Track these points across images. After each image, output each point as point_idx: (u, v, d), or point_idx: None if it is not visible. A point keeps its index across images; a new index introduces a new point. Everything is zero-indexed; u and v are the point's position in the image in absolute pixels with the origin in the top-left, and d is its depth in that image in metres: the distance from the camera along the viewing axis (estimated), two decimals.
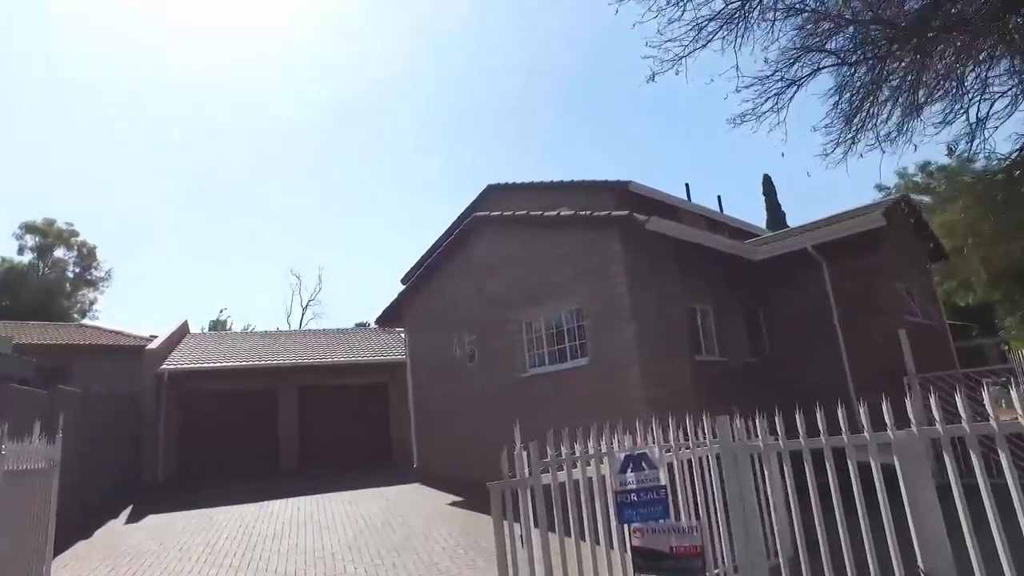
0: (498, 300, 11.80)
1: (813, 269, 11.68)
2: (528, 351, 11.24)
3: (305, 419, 16.60)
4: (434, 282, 13.45)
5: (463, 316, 12.54)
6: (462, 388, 12.36)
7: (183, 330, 19.17)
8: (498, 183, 19.64)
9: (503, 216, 11.69)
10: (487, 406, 11.73)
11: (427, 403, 13.25)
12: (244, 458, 15.73)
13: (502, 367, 11.53)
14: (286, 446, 16.18)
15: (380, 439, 17.43)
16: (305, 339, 19.19)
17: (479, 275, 12.29)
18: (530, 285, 11.16)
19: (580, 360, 10.23)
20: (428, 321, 13.45)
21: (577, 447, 5.37)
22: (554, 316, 10.84)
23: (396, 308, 14.32)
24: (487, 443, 12.33)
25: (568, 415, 10.58)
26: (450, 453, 12.48)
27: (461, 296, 12.67)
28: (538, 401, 10.73)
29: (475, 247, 12.50)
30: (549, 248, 10.92)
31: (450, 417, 12.58)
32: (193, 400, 15.68)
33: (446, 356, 12.85)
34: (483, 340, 12.02)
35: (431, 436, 13.04)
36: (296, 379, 16.75)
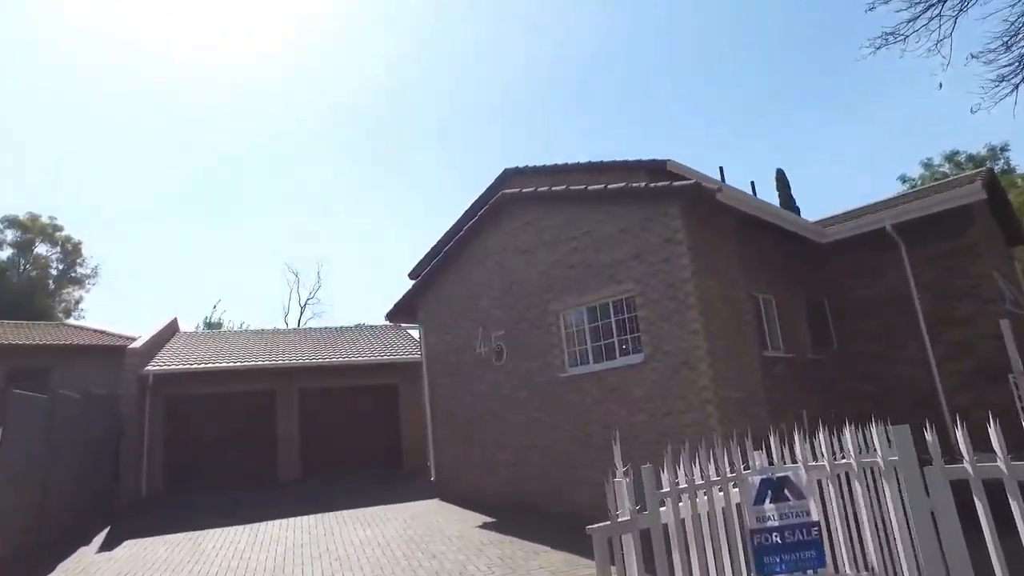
0: (531, 289, 10.40)
1: (890, 252, 10.32)
2: (568, 347, 9.84)
3: (306, 425, 15.17)
4: (453, 271, 12.03)
5: (488, 309, 11.13)
6: (488, 391, 10.95)
7: (172, 328, 17.73)
8: (517, 167, 18.27)
9: (538, 193, 10.29)
10: (519, 411, 10.32)
11: (446, 408, 11.84)
12: (238, 468, 14.28)
13: (537, 366, 10.13)
14: (285, 455, 14.74)
15: (389, 447, 16.00)
16: (306, 338, 17.76)
17: (508, 261, 10.89)
18: (570, 271, 9.77)
19: (633, 357, 8.83)
20: (446, 315, 12.04)
21: (690, 472, 3.98)
22: (600, 306, 9.44)
23: (409, 302, 12.90)
24: (522, 454, 10.95)
25: (622, 422, 9.20)
26: (475, 465, 11.06)
27: (486, 286, 11.26)
28: (583, 405, 9.33)
29: (503, 230, 11.10)
30: (594, 227, 9.53)
31: (474, 424, 11.16)
32: (181, 404, 14.24)
33: (468, 354, 11.43)
34: (513, 335, 10.61)
35: (451, 446, 11.62)
36: (296, 381, 15.32)
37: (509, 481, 10.37)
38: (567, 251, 9.89)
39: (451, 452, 11.62)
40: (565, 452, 9.51)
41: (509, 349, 10.64)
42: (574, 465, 9.38)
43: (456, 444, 11.52)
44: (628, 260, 9.00)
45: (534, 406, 10.08)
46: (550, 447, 9.74)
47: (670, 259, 8.50)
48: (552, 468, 9.68)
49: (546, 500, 9.69)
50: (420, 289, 12.60)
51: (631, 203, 9.07)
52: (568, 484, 9.42)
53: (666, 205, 8.64)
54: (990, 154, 33.38)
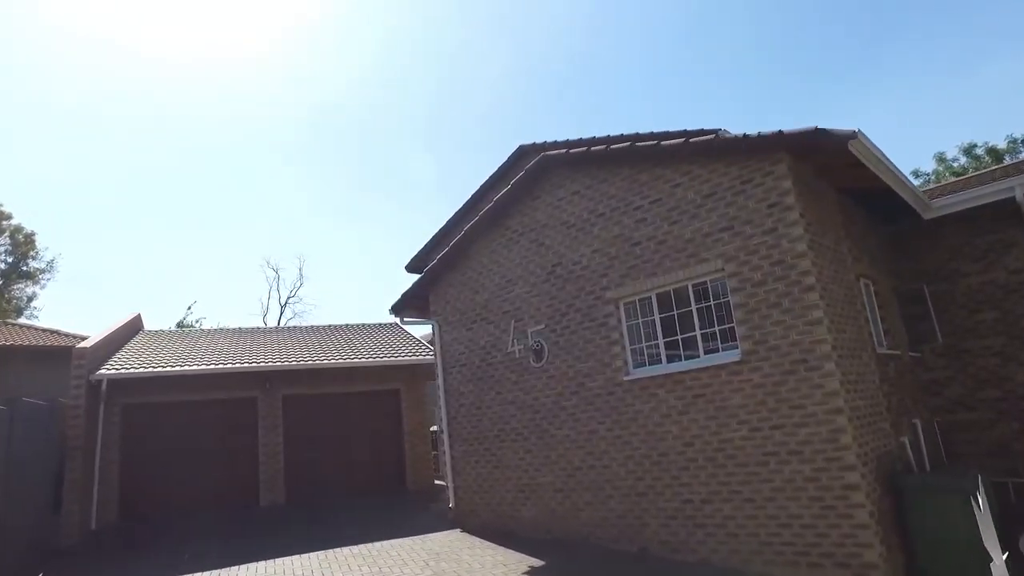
0: (582, 273, 8.59)
1: (1011, 228, 8.71)
2: (631, 343, 8.04)
3: (292, 439, 13.15)
4: (476, 254, 10.16)
5: (524, 298, 9.29)
6: (524, 399, 9.10)
7: (133, 327, 15.56)
8: (534, 143, 16.48)
9: (592, 153, 8.48)
10: (567, 424, 8.49)
11: (467, 419, 9.95)
12: (211, 492, 12.21)
13: (590, 368, 8.31)
14: (268, 475, 12.70)
15: (391, 463, 14.03)
16: (291, 337, 15.71)
17: (551, 239, 9.06)
18: (635, 249, 7.99)
19: (724, 354, 7.07)
20: (468, 307, 10.16)
21: None
22: (675, 291, 7.67)
23: (418, 292, 10.99)
24: (572, 477, 8.28)
25: (711, 437, 7.40)
26: (507, 490, 9.18)
27: (521, 270, 9.41)
28: (654, 416, 7.55)
29: (544, 201, 9.27)
30: (668, 193, 7.76)
31: (505, 439, 9.29)
32: (142, 416, 12.14)
33: (497, 354, 9.57)
34: (556, 330, 8.79)
35: (474, 465, 9.73)
36: (280, 387, 13.29)
37: (554, 510, 8.52)
38: (630, 224, 8.10)
39: (474, 473, 9.72)
40: (630, 475, 7.71)
41: (552, 347, 8.80)
42: (643, 492, 7.58)
43: (481, 463, 9.63)
44: (716, 232, 7.25)
45: (587, 417, 8.26)
46: (610, 468, 7.92)
47: (777, 228, 6.77)
48: (613, 494, 7.87)
49: (604, 534, 7.88)
50: (433, 277, 10.70)
51: (719, 161, 7.32)
52: (635, 515, 7.62)
53: (770, 160, 6.91)
54: (1010, 147, 32.47)
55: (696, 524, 7.05)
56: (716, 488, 6.92)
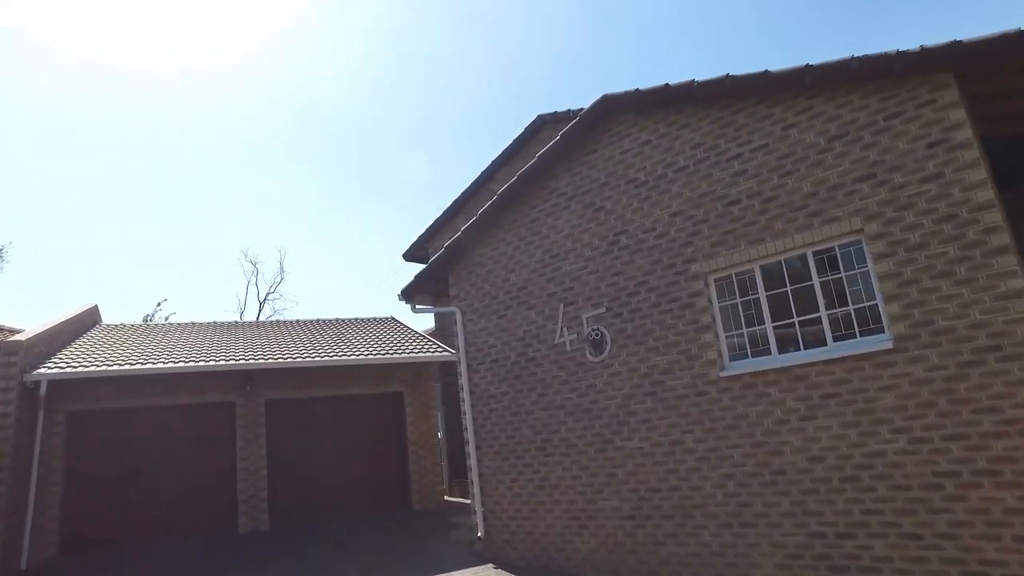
0: (655, 243, 6.93)
1: None
2: (726, 329, 6.41)
3: (277, 452, 11.27)
4: (510, 226, 8.46)
5: (577, 276, 7.60)
6: (578, 402, 7.39)
7: (89, 319, 13.49)
8: (554, 112, 14.81)
9: (669, 91, 6.82)
10: (638, 433, 6.80)
11: (500, 427, 8.21)
12: (178, 519, 10.27)
13: (669, 361, 6.65)
14: (248, 496, 10.78)
15: (393, 478, 12.20)
16: (276, 332, 13.78)
17: (612, 202, 7.40)
18: (731, 210, 6.38)
19: (869, 341, 5.48)
20: (500, 290, 8.43)
21: None
22: (789, 262, 6.06)
23: (436, 274, 9.22)
24: (646, 501, 6.34)
25: (850, 450, 5.63)
26: (555, 515, 7.45)
27: (570, 243, 7.73)
28: (764, 423, 5.92)
29: (602, 156, 7.60)
30: (777, 139, 6.17)
31: (553, 452, 7.57)
32: (93, 426, 10.17)
33: (541, 346, 7.86)
34: (622, 315, 7.11)
35: (511, 484, 7.98)
36: (263, 389, 11.39)
37: (621, 543, 6.83)
38: (724, 179, 6.47)
39: (510, 494, 7.98)
40: (731, 499, 6.05)
41: (616, 336, 7.12)
42: (750, 521, 5.92)
43: (520, 482, 7.89)
44: (848, 184, 5.67)
45: (667, 425, 6.58)
46: (701, 490, 6.25)
47: (943, 174, 5.21)
48: (706, 524, 6.20)
49: (695, 572, 6.20)
50: (455, 253, 8.95)
51: (854, 91, 5.74)
52: (738, 551, 5.96)
53: (930, 86, 5.34)
54: None
55: (832, 567, 5.41)
56: (860, 518, 5.30)
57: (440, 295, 9.88)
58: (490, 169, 15.60)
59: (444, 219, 16.61)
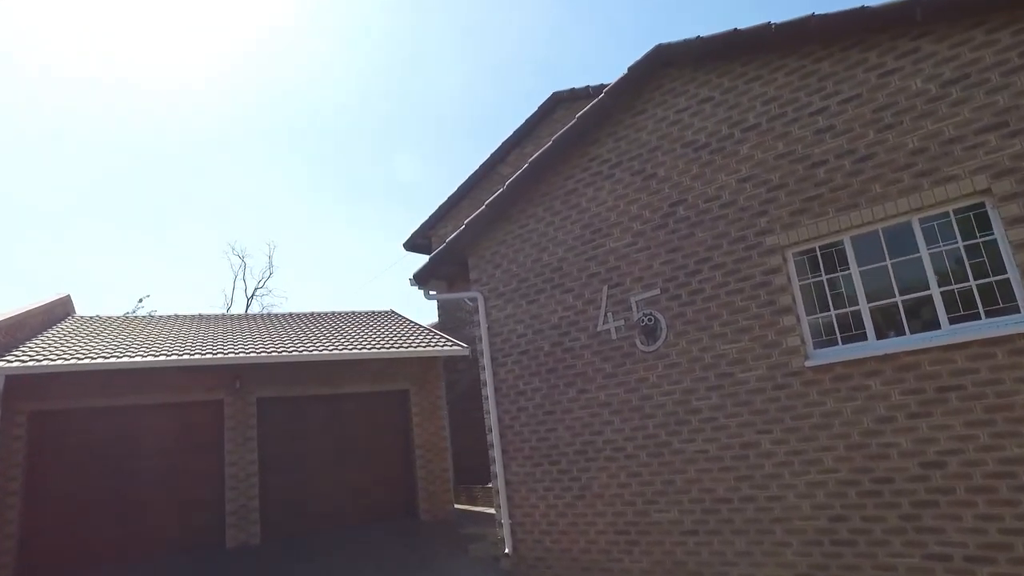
0: (720, 213, 6.03)
1: None
2: (810, 312, 5.51)
3: (270, 456, 10.21)
4: (541, 200, 7.52)
5: (623, 253, 6.67)
6: (625, 398, 6.45)
7: (60, 311, 12.34)
8: (572, 88, 13.87)
9: (738, 37, 5.91)
10: (703, 433, 5.88)
11: (531, 428, 7.25)
12: (158, 534, 9.19)
13: (739, 350, 5.74)
14: (237, 506, 9.71)
15: (398, 486, 11.19)
16: (267, 326, 12.69)
17: (664, 170, 6.48)
18: (813, 172, 5.51)
19: (1002, 323, 4.59)
20: (530, 271, 7.48)
21: None
22: (887, 232, 5.18)
23: (451, 256, 8.24)
24: (711, 514, 5.19)
25: (981, 456, 4.57)
26: (600, 530, 6.50)
27: (615, 216, 6.80)
28: (867, 422, 5.01)
29: (648, 118, 6.69)
30: (872, 88, 5.32)
31: (596, 457, 6.62)
32: (58, 427, 9.06)
33: (580, 335, 6.92)
34: (680, 297, 6.19)
35: (544, 493, 7.02)
36: (254, 387, 10.34)
37: (682, 562, 5.89)
38: (806, 138, 5.58)
39: (543, 504, 7.01)
40: (821, 512, 5.15)
41: (673, 322, 6.19)
42: (847, 539, 5.02)
43: (554, 491, 6.93)
44: (970, 136, 4.78)
45: (738, 424, 5.66)
46: (783, 501, 5.34)
47: None
48: (788, 541, 5.29)
49: None
50: (476, 232, 7.98)
51: (978, 27, 4.86)
52: (832, 572, 5.05)
53: None
54: None
55: None
56: (1000, 539, 4.41)
57: (455, 281, 8.90)
58: (500, 152, 14.64)
59: (449, 205, 15.62)
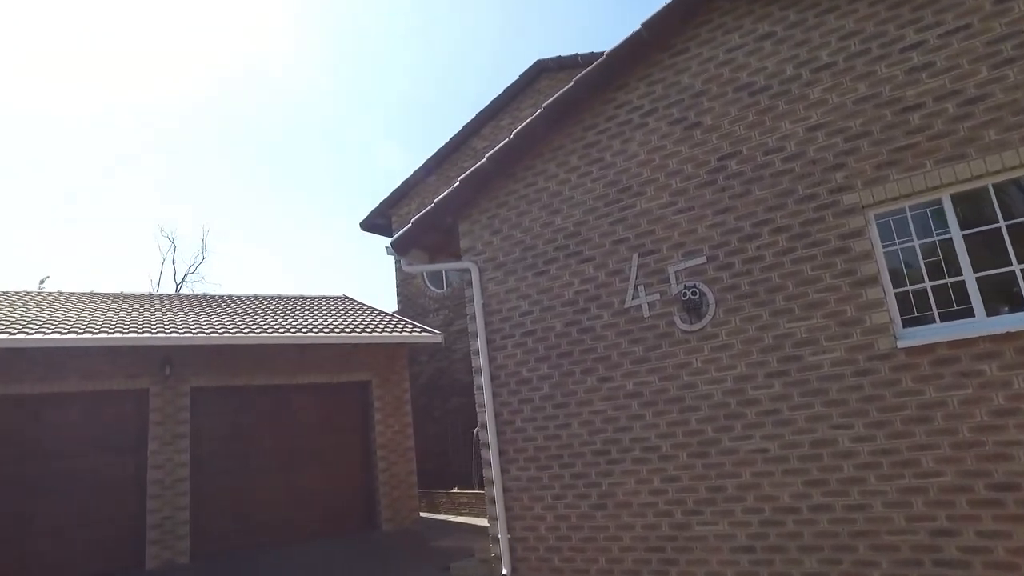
0: (782, 168, 5.09)
1: None
2: (894, 284, 4.62)
3: (205, 456, 8.63)
4: (552, 154, 6.40)
5: (658, 215, 5.65)
6: (661, 387, 5.41)
7: None
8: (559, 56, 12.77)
9: None
10: (760, 429, 4.89)
11: (536, 424, 6.11)
12: (56, 555, 7.46)
13: (809, 329, 4.81)
14: (162, 517, 8.09)
15: (356, 491, 9.80)
16: (204, 307, 10.98)
17: (710, 118, 5.50)
18: (904, 118, 4.66)
19: None
20: (536, 238, 6.36)
21: None
22: (999, 188, 4.36)
23: (436, 221, 7.00)
24: (772, 527, 4.18)
25: None
26: (625, 547, 5.42)
27: (647, 171, 5.76)
28: (980, 415, 4.16)
29: (690, 58, 5.70)
30: (986, 15, 4.48)
31: (620, 459, 5.55)
32: None
33: (602, 312, 5.84)
34: (732, 266, 5.22)
35: (552, 502, 5.88)
36: (187, 374, 8.74)
37: None
38: (897, 78, 4.72)
39: (552, 516, 5.87)
40: (921, 525, 4.25)
41: (724, 295, 5.20)
42: (955, 556, 4.13)
43: (566, 499, 5.81)
44: None
45: (807, 418, 4.72)
46: (868, 511, 4.42)
47: None
48: (877, 560, 4.37)
49: None
50: (469, 192, 6.77)
51: None
52: None
53: None
54: None
55: None
56: None
57: (436, 253, 7.66)
58: (474, 124, 13.46)
59: (414, 181, 14.30)
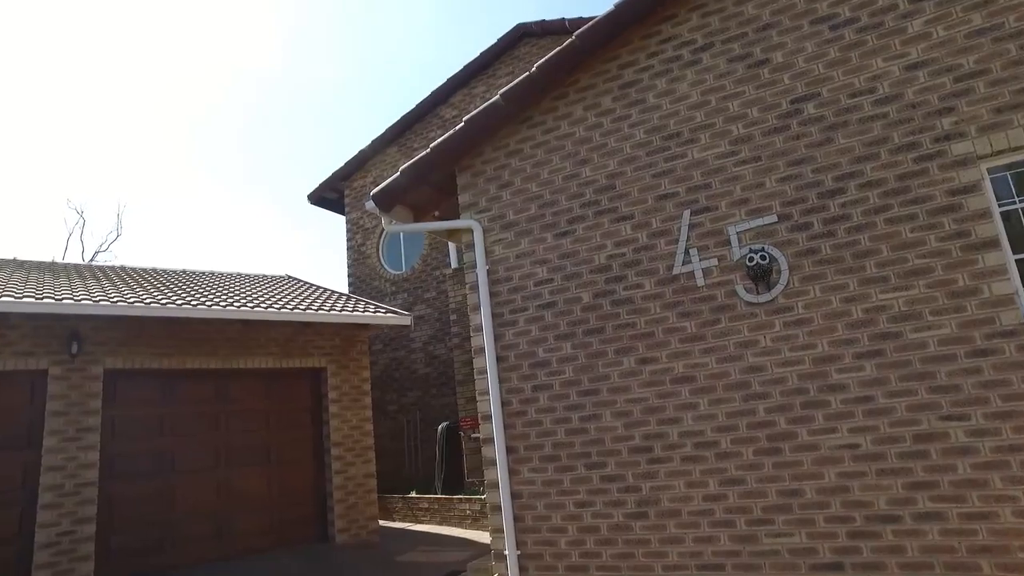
0: (872, 112, 4.30)
1: None
2: (1013, 249, 3.91)
3: (119, 454, 7.02)
4: (578, 96, 5.40)
5: (717, 168, 4.75)
6: (719, 370, 4.50)
7: None
8: (542, 20, 11.74)
9: None
10: (849, 421, 4.07)
11: (553, 415, 5.07)
12: None
13: (908, 302, 4.02)
14: (57, 532, 6.43)
15: (303, 496, 8.38)
16: (120, 279, 9.20)
17: (782, 56, 4.66)
18: None
19: None
20: (559, 193, 5.33)
21: None
22: None
23: (425, 172, 5.82)
24: (865, 538, 3.61)
25: None
26: (676, 568, 4.45)
27: (702, 115, 4.86)
28: None
29: None
30: None
31: (666, 458, 4.59)
32: None
33: (644, 280, 4.88)
34: (811, 227, 4.38)
35: (574, 511, 4.86)
36: (100, 352, 7.09)
37: None
38: (1021, 6, 3.99)
39: (575, 528, 4.84)
40: None
41: (799, 261, 4.35)
42: None
43: (594, 507, 4.79)
44: None
45: (908, 406, 3.93)
46: (991, 519, 3.65)
47: None
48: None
49: None
50: (473, 136, 5.65)
51: None
52: None
53: None
54: None
55: None
56: None
57: (422, 213, 6.48)
58: (444, 91, 12.25)
59: (372, 151, 12.93)
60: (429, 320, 12.25)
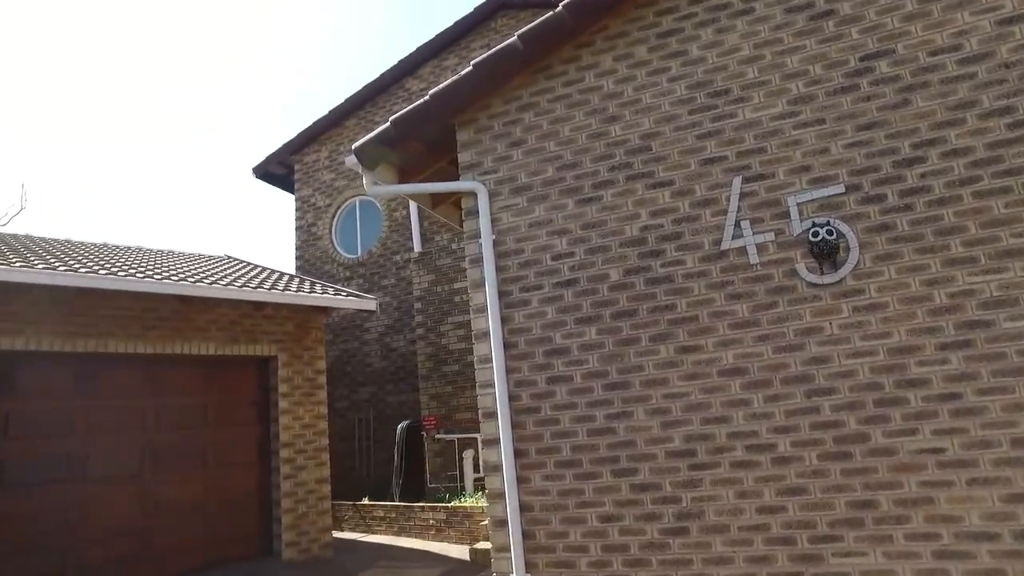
0: (963, 72, 3.83)
1: None
2: None
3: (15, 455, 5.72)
4: (607, 46, 4.70)
5: (773, 131, 4.15)
6: (776, 361, 3.88)
7: None
8: None
9: None
10: (932, 422, 3.52)
11: (571, 414, 4.31)
12: None
13: (1005, 285, 3.52)
14: None
15: (244, 505, 7.23)
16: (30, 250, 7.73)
17: (849, 7, 4.08)
18: None
19: None
20: (582, 155, 4.59)
21: None
22: None
23: (419, 127, 4.97)
24: (981, 570, 2.87)
25: None
26: None
27: (754, 72, 4.25)
28: None
29: None
30: None
31: (714, 461, 3.92)
32: None
33: (685, 256, 4.21)
34: (885, 199, 3.84)
35: (597, 526, 4.11)
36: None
37: None
38: None
39: (597, 545, 4.10)
40: None
41: (871, 238, 3.79)
42: None
43: (624, 520, 4.07)
44: None
45: (1004, 406, 3.43)
46: None
47: None
48: None
49: None
50: (468, 92, 4.83)
51: None
52: None
53: None
54: None
55: None
56: None
57: (408, 175, 5.60)
58: (410, 62, 11.30)
59: (328, 123, 11.81)
60: (387, 309, 11.23)
